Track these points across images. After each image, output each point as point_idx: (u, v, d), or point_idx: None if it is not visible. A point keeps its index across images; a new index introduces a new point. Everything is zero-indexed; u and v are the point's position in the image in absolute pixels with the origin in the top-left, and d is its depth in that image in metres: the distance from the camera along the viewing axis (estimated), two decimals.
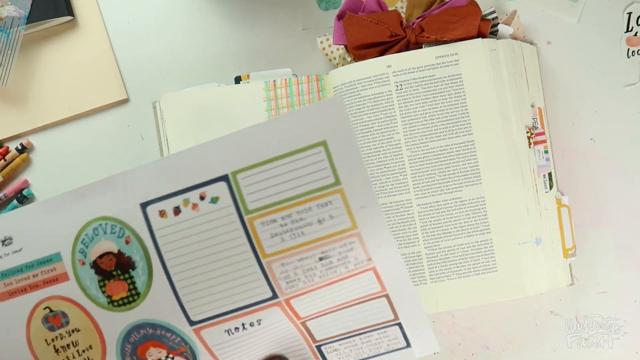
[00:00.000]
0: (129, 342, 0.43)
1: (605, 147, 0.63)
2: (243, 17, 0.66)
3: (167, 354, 0.44)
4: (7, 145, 0.67)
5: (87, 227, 0.42)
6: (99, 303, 0.42)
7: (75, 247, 0.42)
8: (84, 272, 0.42)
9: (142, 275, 0.42)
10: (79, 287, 0.42)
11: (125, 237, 0.41)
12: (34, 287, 0.42)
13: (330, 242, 0.41)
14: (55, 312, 0.42)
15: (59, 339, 0.43)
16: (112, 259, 0.42)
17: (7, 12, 0.64)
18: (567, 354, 0.63)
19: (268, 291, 0.42)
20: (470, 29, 0.57)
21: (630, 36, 0.63)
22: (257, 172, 0.40)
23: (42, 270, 0.42)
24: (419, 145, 0.57)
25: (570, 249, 0.61)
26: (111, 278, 0.42)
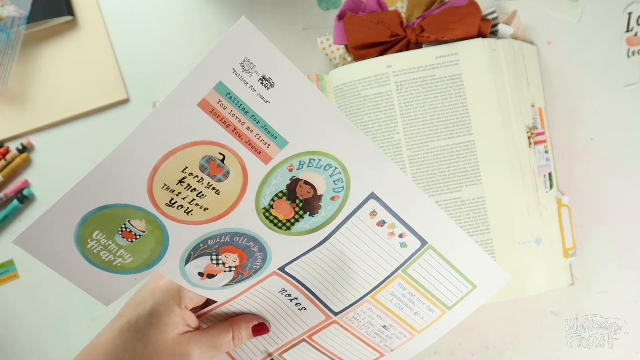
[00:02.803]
0: (232, 236, 0.42)
1: (605, 147, 0.63)
2: None
3: (235, 266, 0.44)
4: (8, 145, 0.67)
5: (326, 157, 0.40)
6: (259, 200, 0.41)
7: (302, 156, 0.39)
8: (282, 173, 0.40)
9: (308, 226, 0.43)
10: (264, 175, 0.40)
11: (336, 195, 0.42)
12: (239, 135, 0.38)
13: (401, 325, 0.50)
14: (223, 165, 0.39)
15: (197, 180, 0.38)
16: (310, 193, 0.41)
17: (7, 12, 0.64)
18: (567, 354, 0.63)
19: (339, 308, 0.49)
20: (470, 29, 0.57)
21: (630, 36, 0.63)
22: (440, 261, 0.47)
23: (260, 134, 0.38)
24: (419, 145, 0.57)
25: (570, 249, 0.61)
26: (291, 201, 0.41)
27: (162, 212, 0.39)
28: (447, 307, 0.50)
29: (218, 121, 0.37)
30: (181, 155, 0.37)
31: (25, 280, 0.68)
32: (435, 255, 0.47)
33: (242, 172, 0.39)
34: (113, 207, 0.39)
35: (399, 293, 0.49)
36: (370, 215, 0.44)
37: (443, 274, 0.48)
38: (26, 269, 0.67)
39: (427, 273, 0.48)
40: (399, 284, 0.48)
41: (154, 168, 0.38)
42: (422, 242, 0.46)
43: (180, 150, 0.37)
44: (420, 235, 0.45)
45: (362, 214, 0.44)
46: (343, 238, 0.45)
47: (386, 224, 0.45)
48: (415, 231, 0.45)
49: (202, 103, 0.36)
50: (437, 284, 0.48)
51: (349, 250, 0.46)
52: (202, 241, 0.42)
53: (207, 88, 0.35)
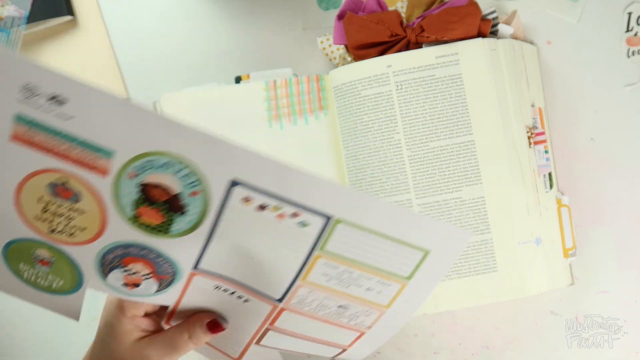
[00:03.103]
0: (124, 248, 0.42)
1: (605, 147, 0.63)
2: (243, 17, 0.66)
3: (149, 273, 0.44)
4: None
5: (161, 156, 0.39)
6: (122, 212, 0.40)
7: (135, 160, 0.38)
8: (128, 182, 0.39)
9: (184, 225, 0.42)
10: (111, 187, 0.39)
11: (194, 191, 0.40)
12: (63, 156, 0.38)
13: (359, 302, 0.47)
14: (69, 187, 0.39)
15: (56, 205, 0.40)
16: (165, 196, 0.40)
17: (7, 12, 0.64)
18: (567, 354, 0.63)
19: (279, 295, 0.47)
20: (470, 29, 0.57)
21: (631, 36, 0.63)
22: (358, 232, 0.42)
23: (84, 151, 0.38)
24: (419, 145, 0.57)
25: (570, 249, 0.61)
26: (152, 205, 0.40)
27: (51, 238, 0.41)
28: (404, 278, 0.45)
29: (37, 149, 0.37)
30: (28, 188, 0.39)
31: None
32: (351, 227, 0.42)
33: (89, 189, 0.39)
34: (15, 242, 0.42)
35: (332, 272, 0.45)
36: (245, 202, 0.40)
37: (373, 244, 0.43)
38: None
39: (351, 247, 0.43)
40: (325, 263, 0.44)
41: (16, 204, 0.40)
42: (324, 217, 0.41)
43: (24, 184, 0.39)
44: (317, 211, 0.41)
45: (234, 203, 0.40)
46: (230, 229, 0.42)
47: (269, 207, 0.41)
48: (308, 208, 0.41)
49: (14, 137, 0.37)
50: (372, 255, 0.44)
51: (245, 240, 0.43)
52: (101, 258, 0.43)
53: (8, 122, 0.36)
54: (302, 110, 0.61)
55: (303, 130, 0.61)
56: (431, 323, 0.64)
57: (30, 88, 0.35)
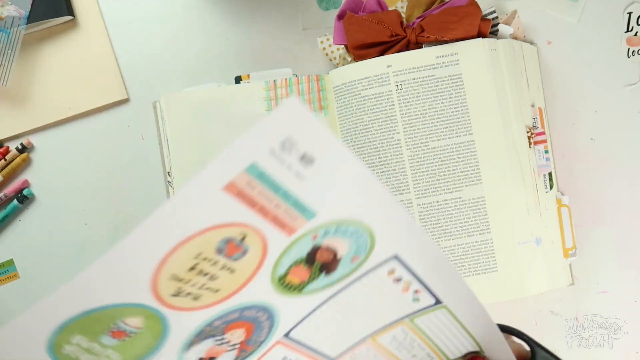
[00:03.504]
0: (240, 311, 0.38)
1: (605, 147, 0.63)
2: (243, 17, 0.66)
3: (239, 343, 0.41)
4: (8, 145, 0.67)
5: (353, 225, 0.37)
6: (275, 271, 0.37)
7: (329, 225, 0.36)
8: (306, 242, 0.36)
9: (321, 284, 0.40)
10: (285, 247, 0.36)
11: (357, 256, 0.39)
12: (262, 212, 0.33)
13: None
14: (243, 244, 0.34)
15: (210, 263, 0.34)
16: (330, 257, 0.38)
17: (7, 12, 0.64)
18: (567, 354, 0.63)
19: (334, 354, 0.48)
20: (470, 29, 0.57)
21: (631, 36, 0.63)
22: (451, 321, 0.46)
23: (290, 210, 0.34)
24: (419, 145, 0.57)
25: (570, 249, 0.61)
26: (308, 264, 0.38)
27: (165, 304, 0.34)
28: (447, 358, 0.49)
29: (244, 202, 0.32)
30: (196, 242, 0.32)
31: (25, 280, 0.68)
32: (448, 314, 0.45)
33: (263, 247, 0.35)
34: (103, 310, 0.33)
35: (399, 337, 0.48)
36: (389, 273, 0.42)
37: (451, 330, 0.46)
38: (26, 269, 0.67)
39: (434, 326, 0.46)
40: (402, 330, 0.47)
41: (162, 261, 0.32)
42: (437, 301, 0.44)
43: (195, 237, 0.32)
44: (436, 295, 0.43)
45: (380, 272, 0.42)
46: (354, 291, 0.43)
47: (402, 281, 0.43)
48: (432, 291, 0.43)
49: (228, 186, 0.31)
50: (443, 336, 0.47)
51: (357, 301, 0.44)
52: (208, 324, 0.38)
53: (238, 170, 0.31)
54: None
55: None
56: None
57: (291, 142, 0.31)
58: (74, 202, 0.67)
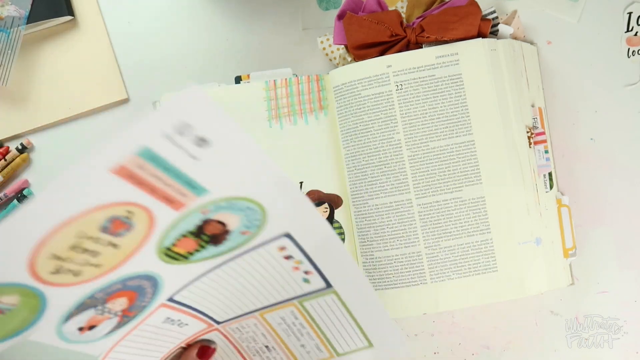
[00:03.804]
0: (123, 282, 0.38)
1: (605, 147, 0.63)
2: (243, 17, 0.66)
3: (121, 310, 0.40)
4: (8, 145, 0.67)
5: (247, 201, 0.36)
6: (161, 243, 0.36)
7: (221, 201, 0.36)
8: (195, 216, 0.36)
9: (207, 254, 0.39)
10: (174, 220, 0.35)
11: (247, 231, 0.39)
12: (153, 191, 0.32)
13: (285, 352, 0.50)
14: (128, 221, 0.33)
15: (92, 241, 0.33)
16: (218, 230, 0.38)
17: (7, 12, 0.64)
18: (567, 354, 0.63)
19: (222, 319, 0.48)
20: (470, 29, 0.57)
21: (631, 36, 0.63)
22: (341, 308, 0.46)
23: (180, 188, 0.33)
24: (419, 145, 0.57)
25: (570, 249, 0.61)
26: (195, 237, 0.37)
27: (43, 281, 0.33)
28: (336, 353, 0.49)
29: (133, 183, 0.32)
30: (79, 222, 0.32)
31: None
32: (337, 300, 0.45)
33: (149, 222, 0.34)
34: None
35: (289, 320, 0.48)
36: (279, 249, 0.42)
37: (341, 320, 0.47)
38: None
39: (324, 313, 0.46)
40: (292, 311, 0.47)
41: (41, 242, 0.31)
42: (327, 284, 0.44)
43: (79, 218, 0.31)
44: (327, 278, 0.44)
45: (270, 247, 0.42)
46: (244, 263, 0.43)
47: (293, 259, 0.43)
48: (322, 273, 0.43)
49: (118, 169, 0.30)
50: (332, 327, 0.47)
51: (247, 272, 0.44)
52: (89, 297, 0.37)
53: (128, 154, 0.30)
54: (302, 110, 0.61)
55: (303, 130, 0.61)
56: (431, 323, 0.64)
57: (187, 126, 0.30)
58: None
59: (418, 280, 0.57)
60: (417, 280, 0.57)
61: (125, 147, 0.30)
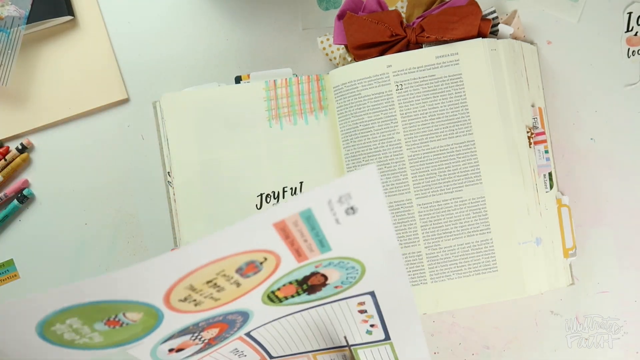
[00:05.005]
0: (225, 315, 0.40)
1: (605, 147, 0.63)
2: (243, 17, 0.66)
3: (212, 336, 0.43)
4: (8, 145, 0.67)
5: (355, 262, 0.39)
6: (271, 287, 0.39)
7: (335, 259, 0.38)
8: (308, 269, 0.39)
9: (299, 300, 0.42)
10: (290, 270, 0.38)
11: (341, 286, 0.42)
12: (290, 243, 0.35)
13: None
14: (260, 266, 0.36)
15: (225, 279, 0.36)
16: (319, 282, 0.41)
17: (7, 12, 0.64)
18: (567, 354, 0.63)
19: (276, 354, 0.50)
20: (470, 29, 0.56)
21: (631, 36, 0.63)
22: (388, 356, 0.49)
23: (312, 244, 0.36)
24: (419, 145, 0.57)
25: (570, 249, 0.61)
26: (298, 285, 0.40)
27: (170, 307, 0.36)
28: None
29: (282, 235, 0.34)
30: (225, 262, 0.34)
31: (25, 280, 0.68)
32: (390, 351, 0.48)
33: (274, 269, 0.37)
34: (112, 303, 0.34)
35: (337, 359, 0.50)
36: (358, 304, 0.45)
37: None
38: (26, 269, 0.67)
39: (372, 358, 0.49)
40: (343, 355, 0.50)
41: (187, 275, 0.34)
42: (386, 337, 0.47)
43: (229, 258, 0.34)
44: (388, 333, 0.47)
45: (352, 301, 0.45)
46: (322, 311, 0.45)
47: (366, 314, 0.46)
48: (387, 328, 0.46)
49: (279, 223, 0.33)
50: None
51: (320, 319, 0.46)
52: (194, 324, 0.40)
53: (294, 212, 0.33)
54: (302, 110, 0.61)
55: (303, 130, 0.61)
56: (431, 323, 0.64)
57: (347, 197, 0.33)
58: (74, 202, 0.67)
59: (418, 280, 0.57)
60: (417, 280, 0.57)
61: (296, 206, 0.33)
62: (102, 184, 0.66)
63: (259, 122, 0.61)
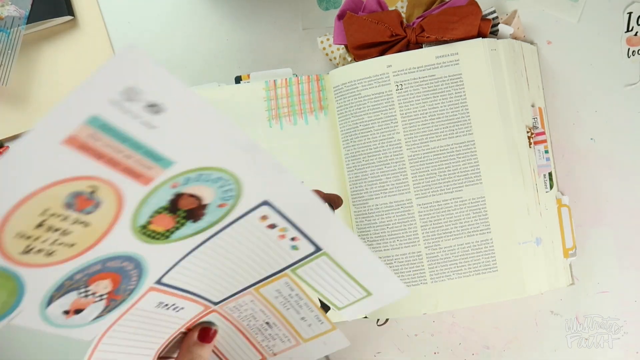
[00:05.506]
0: (103, 263, 0.37)
1: (605, 147, 0.63)
2: (243, 17, 0.66)
3: (106, 293, 0.40)
4: (7, 145, 0.67)
5: (217, 171, 0.35)
6: (135, 220, 0.36)
7: (189, 172, 0.35)
8: (165, 191, 0.35)
9: (188, 231, 0.39)
10: (144, 196, 0.34)
11: (223, 203, 0.38)
12: (113, 164, 0.32)
13: (286, 327, 0.50)
14: (94, 197, 0.33)
15: (59, 219, 0.32)
16: (193, 205, 0.37)
17: (7, 12, 0.64)
18: (567, 354, 0.63)
19: (217, 299, 0.48)
20: (470, 29, 0.57)
21: (631, 36, 0.63)
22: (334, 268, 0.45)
23: (143, 160, 0.32)
24: (419, 145, 0.57)
25: (570, 249, 0.61)
26: (171, 213, 0.37)
27: (15, 261, 0.33)
28: (336, 307, 0.49)
29: (88, 155, 0.30)
30: (39, 199, 0.31)
31: None
32: (329, 261, 0.44)
33: (117, 199, 0.34)
34: None
35: (285, 292, 0.47)
36: (261, 219, 0.41)
37: (337, 279, 0.46)
38: None
39: (317, 276, 0.46)
40: (286, 282, 0.47)
41: (3, 220, 0.31)
42: (316, 248, 0.44)
43: (37, 194, 0.31)
44: (315, 242, 0.43)
45: (251, 218, 0.41)
46: (227, 237, 0.42)
47: (277, 227, 0.42)
48: (309, 237, 0.43)
49: (68, 140, 0.29)
50: (329, 287, 0.47)
51: (232, 247, 0.43)
52: (67, 278, 0.37)
53: (76, 123, 0.29)
54: (302, 110, 0.61)
55: (303, 130, 0.61)
56: (431, 323, 0.64)
57: (135, 91, 0.29)
58: None
59: (418, 280, 0.57)
60: (417, 280, 0.57)
61: (71, 115, 0.29)
62: None
63: (259, 122, 0.61)
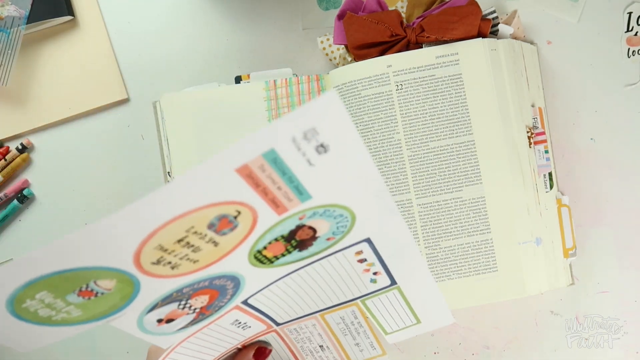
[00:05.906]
0: (211, 280, 0.38)
1: (605, 147, 0.63)
2: (243, 17, 0.66)
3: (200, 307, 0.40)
4: (8, 145, 0.67)
5: (342, 209, 0.36)
6: (255, 245, 0.37)
7: (319, 208, 0.36)
8: (292, 221, 0.36)
9: (291, 259, 0.40)
10: (272, 225, 0.35)
11: (332, 237, 0.39)
12: (263, 193, 0.33)
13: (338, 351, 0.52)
14: (235, 220, 0.34)
15: (197, 237, 0.33)
16: (308, 235, 0.38)
17: (7, 12, 0.64)
18: (567, 354, 0.63)
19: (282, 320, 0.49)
20: (470, 29, 0.57)
21: (631, 36, 0.63)
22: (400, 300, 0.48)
23: (288, 192, 0.33)
24: (419, 145, 0.57)
25: (570, 249, 0.61)
26: (286, 241, 0.38)
27: (143, 271, 0.34)
28: (384, 332, 0.51)
29: (250, 183, 0.32)
30: (193, 216, 0.32)
31: None
32: (399, 294, 0.47)
33: (252, 224, 0.35)
34: (78, 271, 0.31)
35: (348, 319, 0.49)
36: (356, 253, 0.43)
37: (397, 309, 0.48)
38: None
39: (383, 307, 0.48)
40: (352, 311, 0.49)
41: (153, 233, 0.31)
42: (392, 282, 0.46)
43: (195, 212, 0.32)
44: (393, 277, 0.45)
45: (348, 252, 0.42)
46: (319, 267, 0.43)
47: (366, 262, 0.44)
48: (391, 273, 0.45)
49: (242, 168, 0.30)
50: (387, 316, 0.49)
51: (319, 276, 0.44)
52: (177, 290, 0.37)
53: (256, 154, 0.30)
54: None
55: None
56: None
57: (314, 132, 0.30)
58: (74, 202, 0.67)
59: None
60: None
61: (256, 145, 0.30)
62: (102, 184, 0.66)
63: (259, 122, 0.61)
